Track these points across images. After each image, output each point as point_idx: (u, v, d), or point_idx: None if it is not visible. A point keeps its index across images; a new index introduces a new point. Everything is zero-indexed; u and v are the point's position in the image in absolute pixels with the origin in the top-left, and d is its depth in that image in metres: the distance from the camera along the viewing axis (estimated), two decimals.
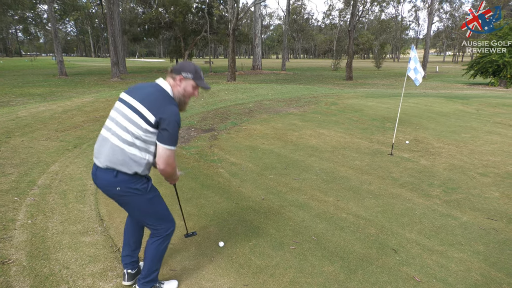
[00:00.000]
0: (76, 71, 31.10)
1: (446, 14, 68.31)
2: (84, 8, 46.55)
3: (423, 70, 6.02)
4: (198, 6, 35.15)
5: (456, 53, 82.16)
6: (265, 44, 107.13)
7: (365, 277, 2.70)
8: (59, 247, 3.07)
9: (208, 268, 2.81)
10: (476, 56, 20.96)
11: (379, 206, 3.98)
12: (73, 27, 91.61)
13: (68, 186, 4.52)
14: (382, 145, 6.44)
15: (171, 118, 2.04)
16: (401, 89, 7.04)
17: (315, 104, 11.03)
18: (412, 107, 10.15)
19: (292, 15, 76.16)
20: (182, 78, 2.17)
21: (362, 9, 30.45)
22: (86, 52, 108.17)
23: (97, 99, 10.30)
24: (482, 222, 3.59)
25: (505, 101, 11.63)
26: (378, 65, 42.28)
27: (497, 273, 2.74)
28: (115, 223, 3.57)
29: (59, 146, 6.30)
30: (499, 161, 5.53)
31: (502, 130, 7.44)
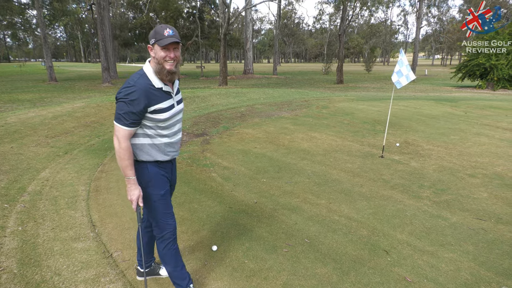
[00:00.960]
0: (66, 76, 30.84)
1: (434, 18, 69.38)
2: (74, 13, 46.29)
3: (413, 74, 6.12)
4: (189, 11, 35.24)
5: (444, 56, 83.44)
6: (256, 49, 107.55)
7: (357, 278, 2.73)
8: (51, 254, 3.04)
9: (202, 272, 2.81)
10: (464, 59, 21.33)
11: (371, 208, 4.02)
12: (62, 32, 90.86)
13: (59, 192, 4.48)
14: (373, 148, 6.51)
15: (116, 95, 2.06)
16: (391, 92, 7.13)
17: (307, 107, 11.10)
18: (402, 110, 10.28)
19: (283, 20, 76.67)
20: (150, 47, 2.09)
21: (352, 13, 30.79)
22: (76, 57, 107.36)
23: (87, 105, 10.23)
24: (471, 222, 3.65)
25: (492, 103, 11.84)
26: (369, 68, 42.74)
27: (486, 272, 2.79)
28: (107, 228, 3.54)
29: (49, 152, 6.24)
30: (487, 162, 5.62)
31: (489, 132, 7.58)
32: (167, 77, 2.08)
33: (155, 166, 2.24)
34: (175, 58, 2.07)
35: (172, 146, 2.28)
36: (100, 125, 8.50)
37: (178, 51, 2.09)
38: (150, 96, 2.04)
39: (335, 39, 68.56)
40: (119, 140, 2.06)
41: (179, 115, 2.31)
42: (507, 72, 18.52)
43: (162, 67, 2.05)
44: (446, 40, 60.97)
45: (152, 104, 2.06)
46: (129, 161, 2.11)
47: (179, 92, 2.31)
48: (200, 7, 34.71)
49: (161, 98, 2.11)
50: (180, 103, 2.31)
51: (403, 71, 6.03)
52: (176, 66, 2.09)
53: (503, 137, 7.15)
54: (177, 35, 2.04)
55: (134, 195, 2.15)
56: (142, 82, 2.04)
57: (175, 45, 2.05)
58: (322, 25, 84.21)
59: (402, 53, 6.24)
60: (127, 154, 2.09)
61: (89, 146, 6.76)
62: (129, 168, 2.11)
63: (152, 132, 2.15)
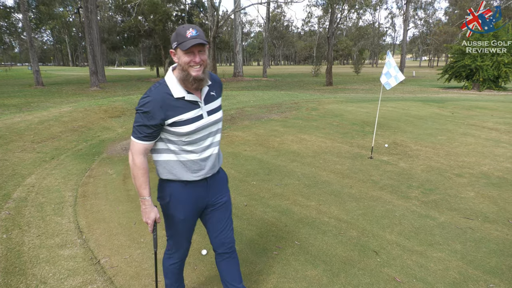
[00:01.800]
0: (53, 80, 30.43)
1: (421, 20, 70.47)
2: (61, 17, 45.74)
3: (402, 75, 6.19)
4: (178, 14, 35.13)
5: (431, 58, 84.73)
6: (246, 51, 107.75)
7: (347, 279, 2.73)
8: (36, 262, 2.98)
9: (191, 277, 2.78)
10: (451, 61, 21.66)
11: (360, 209, 4.04)
12: (49, 36, 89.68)
13: (45, 198, 4.40)
14: (362, 149, 6.56)
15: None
16: (380, 94, 7.21)
17: (296, 110, 11.14)
18: (391, 111, 10.38)
19: (272, 23, 76.99)
20: (172, 52, 1.84)
21: (340, 16, 31.10)
22: (64, 61, 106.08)
23: (75, 109, 10.10)
24: (458, 221, 3.70)
25: (478, 103, 12.04)
26: (357, 70, 43.10)
27: (474, 271, 2.82)
28: (95, 234, 3.49)
29: (35, 157, 6.14)
30: (474, 161, 5.71)
31: (476, 132, 7.69)
32: (193, 85, 1.81)
33: (179, 186, 1.98)
34: (202, 63, 1.80)
35: (200, 165, 1.95)
36: (88, 129, 8.39)
37: (205, 53, 1.82)
38: (167, 108, 1.79)
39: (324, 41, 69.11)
40: (132, 155, 1.88)
41: (213, 127, 1.96)
42: (492, 73, 18.86)
43: (187, 73, 1.79)
44: (433, 42, 61.94)
45: (170, 116, 1.80)
46: (143, 178, 1.91)
47: (214, 99, 1.98)
48: (189, 10, 34.65)
49: (183, 109, 1.83)
50: (215, 112, 1.97)
51: (391, 73, 6.09)
52: (204, 72, 1.83)
53: (489, 136, 7.27)
54: (202, 35, 1.78)
55: (149, 218, 1.95)
56: (159, 91, 1.80)
57: (200, 47, 1.78)
58: (311, 27, 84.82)
59: (390, 55, 6.31)
60: (141, 171, 1.90)
61: (77, 151, 6.66)
62: (143, 187, 1.92)
63: (176, 148, 1.90)
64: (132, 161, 1.89)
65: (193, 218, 2.08)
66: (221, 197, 2.14)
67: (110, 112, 10.19)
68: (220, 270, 2.25)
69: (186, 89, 1.84)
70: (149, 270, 2.87)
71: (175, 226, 2.07)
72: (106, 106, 10.78)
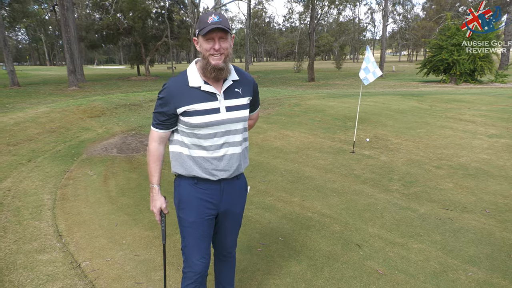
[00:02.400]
0: (30, 80, 29.52)
1: (400, 16, 71.63)
2: (35, 15, 44.39)
3: (381, 70, 6.27)
4: (158, 11, 34.59)
5: (410, 53, 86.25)
6: None
7: (331, 274, 2.76)
8: (13, 268, 2.89)
9: (175, 278, 2.75)
10: (429, 55, 22.11)
11: (343, 203, 4.08)
12: (24, 34, 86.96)
13: (22, 202, 4.27)
14: (344, 144, 6.63)
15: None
16: (361, 89, 7.29)
17: (279, 106, 11.16)
18: (371, 106, 10.52)
19: (254, 19, 76.85)
20: (195, 40, 1.76)
21: (320, 12, 31.29)
22: (41, 60, 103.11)
23: (52, 110, 9.82)
24: (438, 212, 3.78)
25: (455, 96, 12.34)
26: (339, 66, 43.53)
27: (453, 260, 2.89)
28: (75, 238, 3.41)
29: (11, 160, 5.94)
30: (452, 153, 5.85)
31: (453, 125, 7.88)
32: (211, 74, 1.70)
33: (190, 184, 1.86)
34: (223, 51, 1.68)
35: (212, 164, 1.81)
36: (66, 130, 8.19)
37: (226, 41, 1.69)
38: (181, 96, 1.72)
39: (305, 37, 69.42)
40: (149, 141, 1.88)
41: (231, 125, 1.81)
42: (468, 67, 19.36)
43: (207, 61, 1.69)
44: (411, 37, 63.10)
45: (182, 104, 1.72)
46: (154, 165, 1.86)
47: (238, 96, 1.83)
48: (169, 7, 34.15)
49: (197, 98, 1.73)
50: (236, 110, 1.81)
51: (370, 68, 6.16)
52: (225, 61, 1.71)
53: (466, 129, 7.46)
54: (226, 22, 1.66)
55: (155, 207, 1.89)
56: (177, 80, 1.76)
57: (221, 33, 1.66)
58: (292, 24, 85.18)
59: (369, 50, 6.38)
60: (152, 158, 1.86)
61: (55, 153, 6.49)
62: (152, 174, 1.87)
63: (189, 141, 1.80)
64: (148, 147, 1.88)
65: (203, 223, 1.89)
66: (234, 207, 1.99)
67: (89, 112, 9.97)
68: (215, 270, 2.24)
69: (204, 80, 1.75)
70: (131, 272, 2.83)
71: (185, 232, 1.91)
72: (85, 106, 10.53)
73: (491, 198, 4.10)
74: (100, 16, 33.99)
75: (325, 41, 75.34)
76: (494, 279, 2.63)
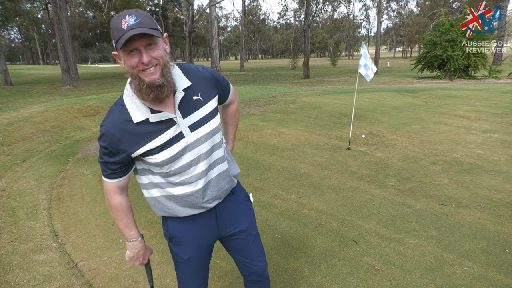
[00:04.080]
0: (23, 80, 29.28)
1: (394, 12, 71.82)
2: (28, 13, 44.00)
3: (376, 66, 6.29)
4: (152, 9, 34.42)
5: (405, 49, 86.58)
6: (223, 46, 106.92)
7: (328, 270, 2.77)
8: (9, 269, 2.87)
9: (172, 276, 2.75)
10: (423, 51, 22.20)
11: (339, 199, 4.09)
12: (17, 33, 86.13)
13: (18, 202, 4.24)
14: (340, 141, 6.64)
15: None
16: (356, 85, 7.31)
17: (275, 103, 11.16)
18: (367, 102, 10.55)
19: (248, 16, 76.59)
20: (116, 56, 1.33)
21: (315, 8, 31.28)
22: (34, 59, 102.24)
23: (47, 109, 9.76)
24: (434, 208, 3.81)
25: (450, 92, 12.41)
26: (334, 63, 43.60)
27: (449, 255, 2.91)
28: (71, 237, 3.39)
29: (5, 160, 5.90)
30: (447, 149, 5.88)
31: (448, 120, 7.93)
32: (149, 95, 1.27)
33: (178, 222, 1.58)
34: (155, 61, 1.26)
35: (196, 197, 1.49)
36: (61, 129, 8.14)
37: (158, 48, 1.26)
38: (129, 138, 1.33)
39: (300, 34, 69.38)
40: (106, 196, 1.53)
41: (203, 145, 1.44)
42: (463, 63, 19.47)
43: (139, 80, 1.27)
44: (406, 33, 63.29)
45: (135, 148, 1.35)
46: (127, 219, 1.55)
47: (199, 106, 1.42)
48: (163, 5, 34.00)
49: (151, 134, 1.34)
50: (203, 124, 1.43)
51: (368, 64, 6.17)
52: (163, 73, 1.28)
53: (460, 124, 7.51)
54: (148, 21, 1.22)
55: (145, 259, 1.66)
56: (114, 118, 1.33)
57: (146, 39, 1.22)
58: (287, 21, 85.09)
59: (364, 46, 6.38)
60: (121, 213, 1.53)
61: (50, 152, 6.45)
62: (128, 229, 1.56)
63: (161, 180, 1.48)
64: (108, 203, 1.53)
65: (199, 259, 1.64)
66: (240, 225, 1.69)
67: (84, 111, 9.91)
68: None
69: (149, 106, 1.33)
70: (128, 271, 2.82)
71: (180, 269, 1.67)
72: (79, 105, 10.47)
73: (485, 193, 4.13)
74: (93, 14, 33.79)
75: (320, 38, 75.40)
76: (489, 273, 2.66)
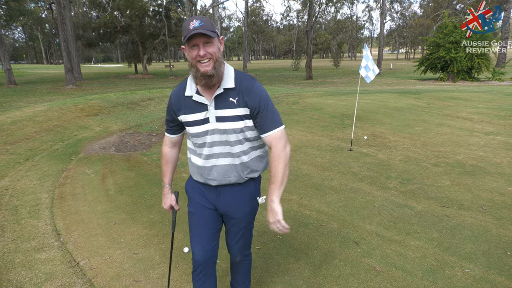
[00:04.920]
0: (27, 79, 29.40)
1: (397, 13, 71.65)
2: (32, 13, 44.21)
3: (378, 68, 6.29)
4: (155, 9, 34.49)
5: (408, 50, 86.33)
6: (225, 46, 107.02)
7: (329, 271, 2.77)
8: (11, 267, 2.89)
9: (173, 275, 2.75)
10: (426, 53, 22.13)
11: (341, 201, 4.09)
12: (21, 33, 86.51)
13: (20, 201, 4.27)
14: (342, 142, 6.64)
15: None
16: (358, 87, 7.30)
17: (277, 104, 11.16)
18: (369, 104, 10.54)
19: (251, 17, 76.69)
20: (184, 49, 1.71)
21: (318, 10, 31.25)
22: (37, 59, 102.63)
23: (50, 108, 9.80)
24: (435, 210, 3.80)
25: (453, 94, 12.38)
26: (337, 64, 43.51)
27: (450, 257, 2.91)
28: (73, 236, 3.41)
29: (8, 159, 5.93)
30: (449, 151, 5.87)
31: (450, 122, 7.91)
32: (201, 81, 1.64)
33: (192, 181, 1.98)
34: (210, 56, 1.60)
35: (204, 171, 1.84)
36: (64, 129, 8.17)
37: (212, 46, 1.61)
38: (178, 105, 1.78)
39: (303, 35, 69.36)
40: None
41: (220, 136, 1.75)
42: (466, 64, 19.40)
43: (196, 69, 1.63)
44: (409, 35, 63.12)
45: (179, 113, 1.80)
46: (165, 167, 2.03)
47: (231, 106, 1.71)
48: (166, 5, 34.04)
49: (190, 108, 1.75)
50: (226, 121, 1.72)
51: (370, 66, 6.17)
52: (215, 66, 1.62)
53: (463, 126, 7.49)
54: (208, 25, 1.57)
55: (165, 204, 2.08)
56: (178, 87, 1.81)
57: (205, 38, 1.59)
58: (289, 22, 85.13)
59: (367, 48, 6.39)
60: (163, 160, 2.04)
61: (52, 152, 6.48)
62: (164, 174, 2.04)
63: (191, 146, 1.89)
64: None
65: (202, 215, 1.93)
66: (234, 213, 1.95)
67: (87, 110, 9.95)
68: (230, 271, 2.34)
69: (198, 88, 1.73)
70: (130, 270, 2.83)
71: (189, 221, 2.01)
72: (82, 104, 10.51)
73: (487, 195, 4.12)
74: (97, 14, 33.87)
75: (323, 39, 75.30)
76: (491, 276, 2.65)
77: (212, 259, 1.98)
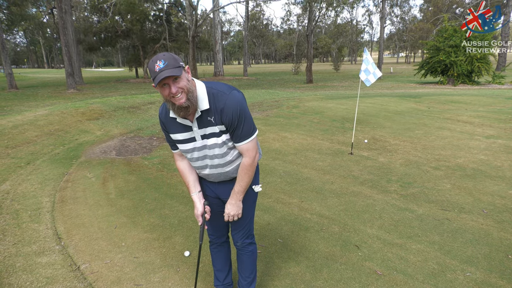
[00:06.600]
0: (28, 83, 29.50)
1: (397, 17, 71.89)
2: (33, 18, 44.44)
3: (379, 71, 6.31)
4: (156, 14, 34.67)
5: (408, 54, 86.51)
6: (226, 50, 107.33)
7: (330, 275, 2.77)
8: (12, 271, 2.89)
9: (174, 279, 2.75)
10: (426, 56, 22.18)
11: (341, 204, 4.09)
12: (22, 37, 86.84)
13: (21, 205, 4.27)
14: (342, 145, 6.65)
15: None
16: (358, 90, 7.32)
17: (277, 108, 11.18)
18: (369, 107, 10.56)
19: (251, 21, 76.93)
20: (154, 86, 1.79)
21: (318, 14, 31.36)
22: (39, 63, 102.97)
23: (51, 112, 9.82)
24: (436, 213, 3.80)
25: (453, 98, 12.40)
26: (337, 68, 43.61)
27: (451, 261, 2.90)
28: (74, 240, 3.41)
29: (9, 163, 5.94)
30: (449, 154, 5.87)
31: (451, 126, 7.92)
32: (179, 113, 1.81)
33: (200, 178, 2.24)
34: (181, 90, 1.73)
35: (204, 176, 2.15)
36: (65, 133, 8.19)
37: (181, 80, 1.73)
38: (168, 125, 1.96)
39: (303, 39, 69.56)
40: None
41: (208, 151, 1.96)
42: (466, 68, 19.43)
43: (171, 103, 1.78)
44: (409, 39, 63.29)
45: (170, 132, 1.98)
46: (186, 179, 2.15)
47: (211, 125, 1.88)
48: (167, 10, 34.21)
49: (177, 128, 1.94)
50: (210, 137, 1.92)
51: (370, 69, 6.19)
52: (189, 98, 1.76)
53: (464, 130, 7.49)
54: (172, 63, 1.69)
55: (197, 209, 2.15)
56: (161, 110, 1.97)
57: (173, 76, 1.70)
58: (290, 26, 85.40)
59: (367, 51, 6.41)
60: (182, 174, 2.16)
61: (53, 156, 6.49)
62: (188, 185, 2.16)
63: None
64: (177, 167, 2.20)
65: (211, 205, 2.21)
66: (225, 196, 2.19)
67: (88, 114, 9.97)
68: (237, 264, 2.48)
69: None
70: (130, 274, 2.83)
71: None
72: (83, 108, 10.53)
73: (488, 198, 4.12)
74: (98, 19, 34.04)
75: (323, 43, 75.50)
76: (492, 279, 2.64)
77: (222, 237, 2.40)
